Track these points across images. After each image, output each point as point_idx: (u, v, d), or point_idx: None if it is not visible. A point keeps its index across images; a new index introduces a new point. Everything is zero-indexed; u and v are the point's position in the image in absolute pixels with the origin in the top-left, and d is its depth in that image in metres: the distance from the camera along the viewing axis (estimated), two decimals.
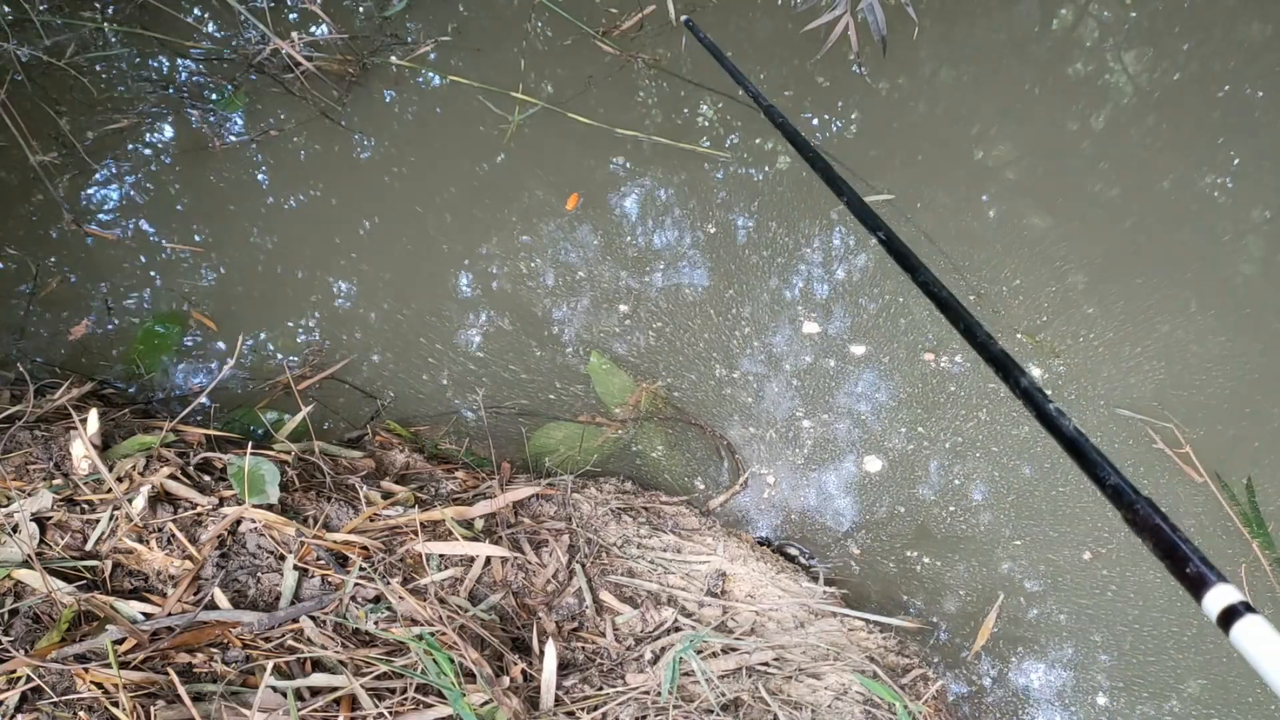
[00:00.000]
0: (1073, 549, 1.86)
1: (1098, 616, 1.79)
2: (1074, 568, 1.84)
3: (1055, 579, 1.83)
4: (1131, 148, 2.37)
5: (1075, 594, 1.82)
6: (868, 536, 1.91)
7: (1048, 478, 1.94)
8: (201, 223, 2.28)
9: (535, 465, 1.97)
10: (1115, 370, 2.05)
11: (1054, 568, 1.85)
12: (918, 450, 1.99)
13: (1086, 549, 1.85)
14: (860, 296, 2.18)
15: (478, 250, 2.26)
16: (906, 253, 0.86)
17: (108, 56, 2.54)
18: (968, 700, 1.75)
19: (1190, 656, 1.75)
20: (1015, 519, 1.90)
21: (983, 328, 0.75)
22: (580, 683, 1.45)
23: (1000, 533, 1.89)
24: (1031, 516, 1.90)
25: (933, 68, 2.55)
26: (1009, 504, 1.92)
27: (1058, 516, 1.89)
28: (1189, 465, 1.91)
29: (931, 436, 2.00)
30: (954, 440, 1.99)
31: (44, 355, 2.06)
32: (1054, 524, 1.89)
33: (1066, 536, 1.87)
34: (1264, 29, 2.57)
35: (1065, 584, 1.83)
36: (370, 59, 2.54)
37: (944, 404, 2.03)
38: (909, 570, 1.88)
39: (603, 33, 2.56)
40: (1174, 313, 2.12)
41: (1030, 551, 1.86)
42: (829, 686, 1.50)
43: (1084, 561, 1.84)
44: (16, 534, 1.42)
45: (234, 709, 1.24)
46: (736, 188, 2.34)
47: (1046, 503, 1.91)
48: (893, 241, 0.88)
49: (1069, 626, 1.80)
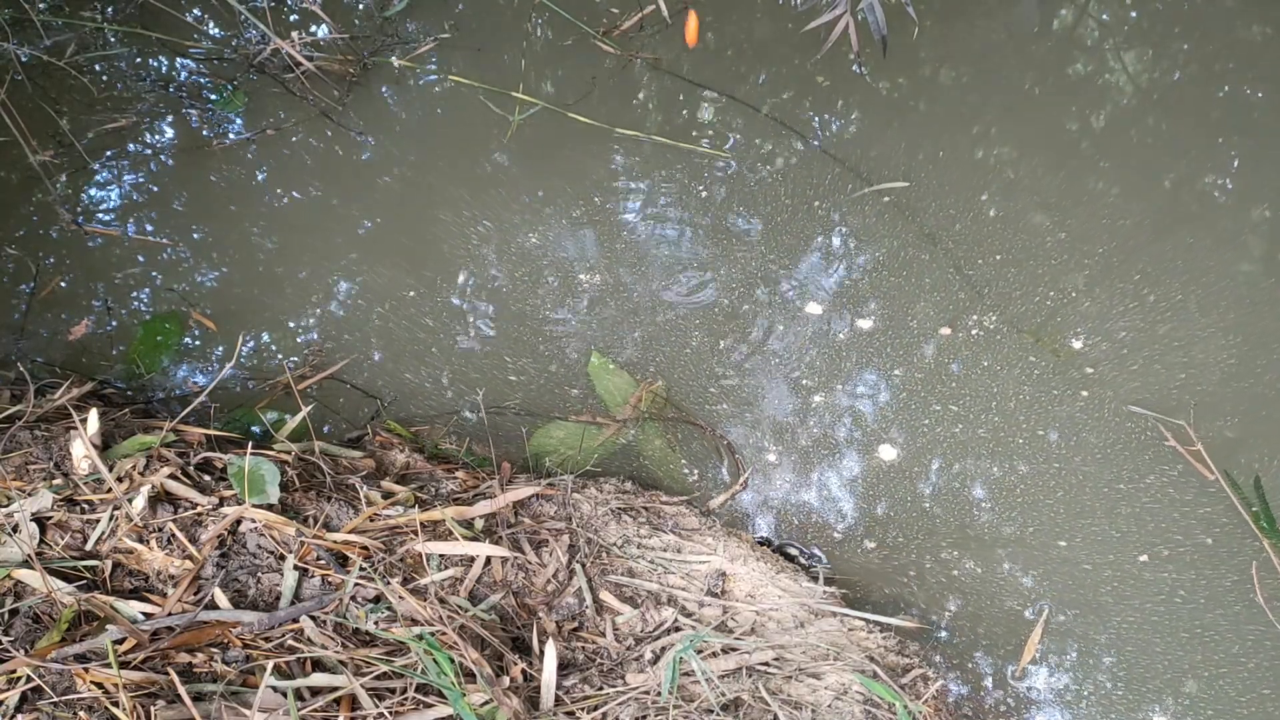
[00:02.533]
0: (1131, 551, 1.84)
1: (1160, 623, 1.79)
2: (1130, 571, 1.84)
3: (1113, 585, 1.82)
4: (1131, 148, 2.37)
5: (1134, 600, 1.81)
6: (886, 535, 1.91)
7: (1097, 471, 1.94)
8: (201, 222, 2.28)
9: (535, 465, 1.98)
10: (1117, 370, 2.05)
11: (1106, 573, 1.84)
12: (943, 438, 1.99)
13: (1144, 552, 1.84)
14: (862, 291, 2.18)
15: (478, 250, 2.26)
16: None
17: (107, 56, 2.54)
18: (968, 700, 1.75)
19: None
20: (1066, 517, 1.89)
21: None
22: (580, 683, 1.45)
23: (1043, 532, 1.89)
24: (1083, 514, 1.89)
25: (933, 68, 2.55)
26: (1058, 499, 1.91)
27: (1113, 516, 1.88)
28: (1200, 463, 1.91)
29: (966, 418, 2.00)
30: (991, 421, 1.99)
31: (44, 355, 2.06)
32: (1111, 523, 1.88)
33: (1129, 537, 1.86)
34: (1264, 30, 2.57)
35: (1115, 591, 1.82)
36: (371, 59, 2.54)
37: (976, 378, 2.02)
38: (924, 572, 1.88)
39: (603, 33, 2.56)
40: (1174, 312, 2.12)
41: (1078, 552, 1.85)
42: (829, 686, 1.50)
43: (1141, 563, 1.84)
44: (16, 534, 1.42)
45: (234, 709, 1.24)
46: (737, 187, 2.34)
47: (1099, 500, 1.90)
48: None
49: (1125, 635, 1.79)
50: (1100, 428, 1.99)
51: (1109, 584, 1.83)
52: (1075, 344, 2.09)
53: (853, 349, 2.11)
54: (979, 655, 1.79)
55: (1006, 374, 2.06)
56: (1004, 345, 2.09)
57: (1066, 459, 1.96)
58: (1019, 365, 2.07)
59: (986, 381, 2.05)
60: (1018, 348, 2.08)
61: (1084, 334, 2.10)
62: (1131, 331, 2.10)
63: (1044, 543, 1.88)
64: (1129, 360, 2.07)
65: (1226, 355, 2.06)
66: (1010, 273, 2.18)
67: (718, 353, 2.12)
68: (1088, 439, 1.98)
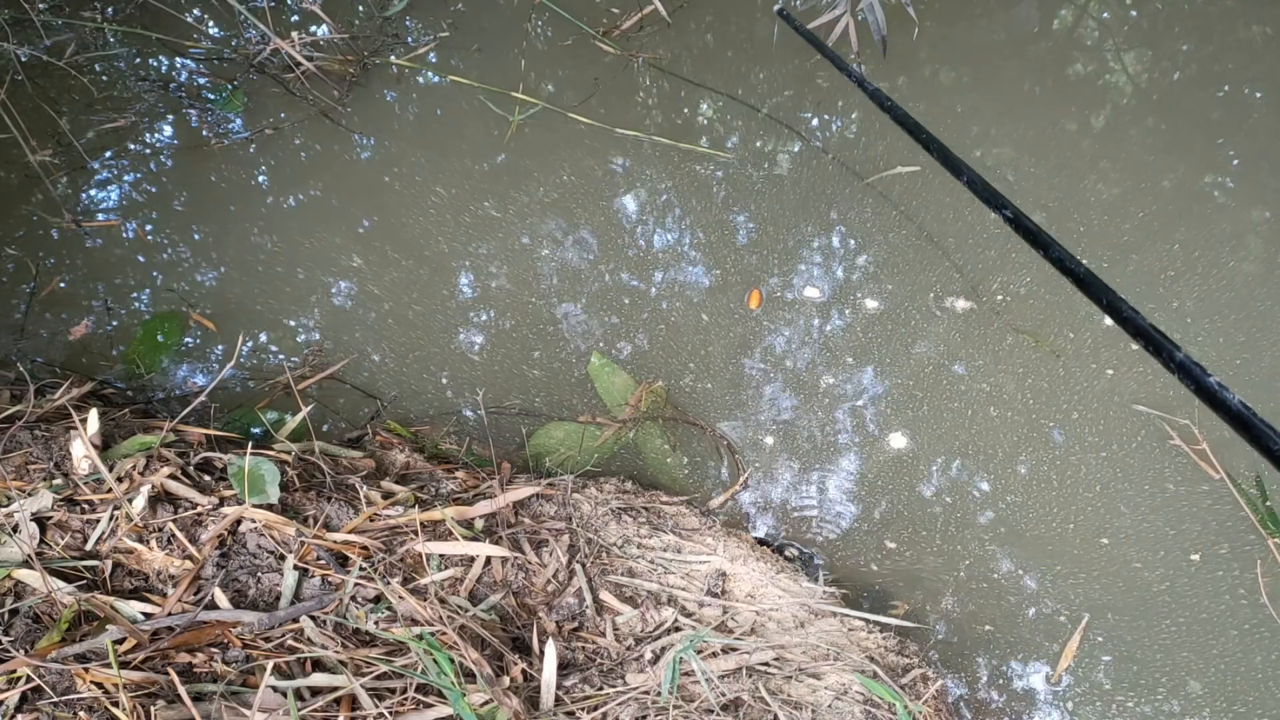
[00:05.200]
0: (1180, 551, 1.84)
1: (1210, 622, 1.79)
2: (1183, 570, 1.84)
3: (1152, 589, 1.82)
4: (1131, 148, 2.37)
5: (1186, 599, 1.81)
6: (884, 535, 1.91)
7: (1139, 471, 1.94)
8: (201, 222, 2.28)
9: (535, 465, 1.97)
10: (1119, 369, 2.05)
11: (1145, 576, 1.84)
12: (943, 438, 1.99)
13: (1195, 551, 1.84)
14: (862, 291, 2.18)
15: (478, 250, 2.25)
16: (1036, 230, 0.86)
17: (107, 56, 2.54)
18: (968, 700, 1.76)
19: None
20: (1065, 517, 1.89)
21: (1126, 302, 0.72)
22: (580, 683, 1.45)
23: (1084, 532, 1.89)
24: (1081, 514, 1.89)
25: (933, 68, 2.55)
26: (1056, 500, 1.92)
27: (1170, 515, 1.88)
28: (1205, 461, 1.91)
29: (967, 418, 2.00)
30: (1019, 405, 1.99)
31: (44, 355, 2.06)
32: (1168, 522, 1.87)
33: (1182, 535, 1.86)
34: (1264, 30, 2.57)
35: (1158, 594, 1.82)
36: (371, 59, 2.54)
37: (976, 377, 2.03)
38: (924, 571, 1.88)
39: (603, 33, 2.56)
40: (1175, 311, 2.12)
41: (1120, 549, 1.85)
42: (829, 686, 1.50)
43: (1192, 562, 1.84)
44: (16, 534, 1.42)
45: (234, 709, 1.24)
46: (737, 187, 2.34)
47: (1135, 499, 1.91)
48: (1020, 219, 0.88)
49: (1121, 634, 1.80)
50: (1116, 425, 1.99)
51: (1110, 585, 1.83)
52: (1066, 340, 2.09)
53: (853, 349, 2.11)
54: (979, 655, 1.79)
55: (1006, 373, 2.06)
56: (1004, 345, 2.09)
57: (1063, 458, 1.96)
58: (1017, 365, 2.07)
59: (986, 381, 2.05)
60: (1017, 346, 2.08)
61: (1084, 333, 2.10)
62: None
63: (1045, 542, 1.88)
64: (1130, 358, 2.07)
65: (1227, 354, 2.06)
66: (1010, 272, 2.18)
67: (718, 352, 2.12)
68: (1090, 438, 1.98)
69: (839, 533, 1.92)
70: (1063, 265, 0.81)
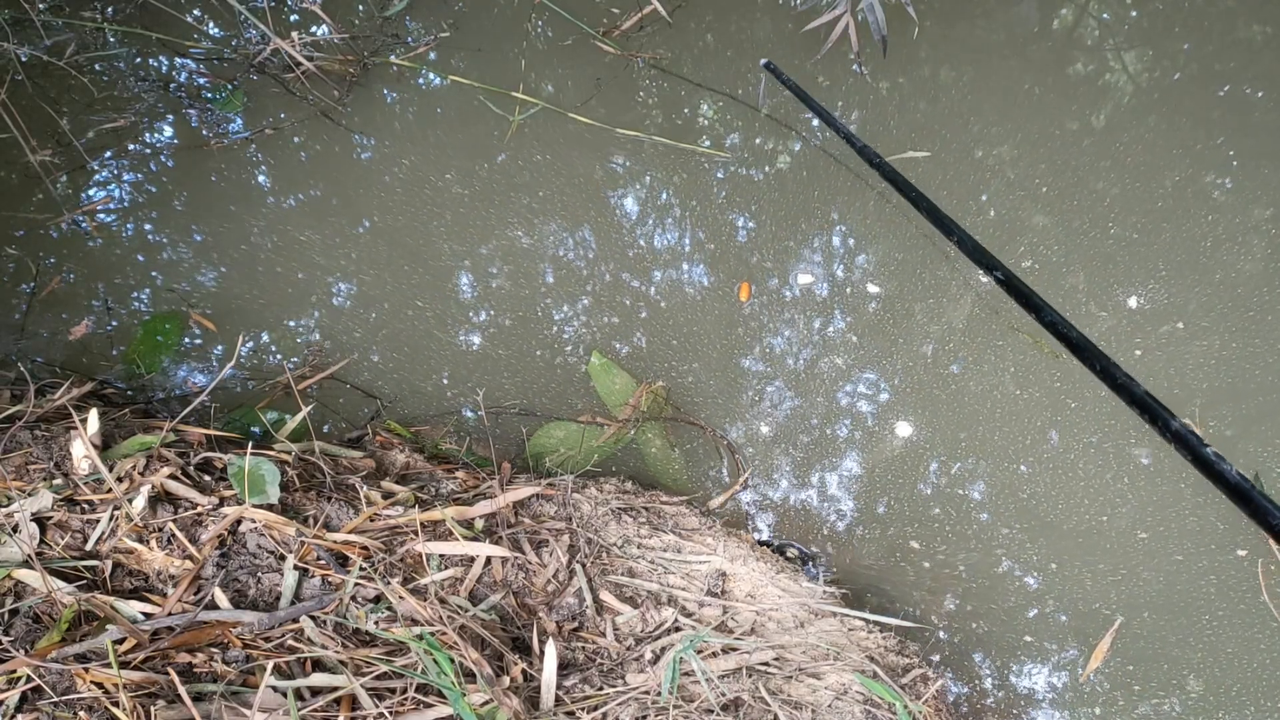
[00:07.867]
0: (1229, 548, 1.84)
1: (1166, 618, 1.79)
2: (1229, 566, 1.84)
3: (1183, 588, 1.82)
4: (1132, 147, 2.37)
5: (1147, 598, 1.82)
6: (885, 535, 1.91)
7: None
8: (201, 222, 2.28)
9: (535, 465, 1.97)
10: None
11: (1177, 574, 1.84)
12: (942, 438, 1.99)
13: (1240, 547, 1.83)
14: (861, 291, 2.18)
15: (478, 250, 2.25)
16: (1029, 292, 0.85)
17: (107, 56, 2.54)
18: (968, 700, 1.75)
19: None
20: (1064, 515, 1.90)
21: (1121, 369, 0.72)
22: (580, 683, 1.45)
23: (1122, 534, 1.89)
24: (1082, 510, 1.90)
25: (933, 67, 2.54)
26: (1057, 497, 1.92)
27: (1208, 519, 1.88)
28: None
29: (966, 417, 1.99)
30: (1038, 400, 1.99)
31: (44, 355, 2.06)
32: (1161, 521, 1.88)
33: (1233, 527, 1.85)
34: (1264, 30, 2.57)
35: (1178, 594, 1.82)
36: (371, 59, 2.54)
37: (975, 377, 2.03)
38: (924, 571, 1.88)
39: (603, 33, 2.56)
40: (1175, 311, 2.12)
41: (1157, 544, 1.85)
42: (829, 686, 1.50)
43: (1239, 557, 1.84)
44: (16, 534, 1.42)
45: (234, 709, 1.24)
46: (737, 186, 2.34)
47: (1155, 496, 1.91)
48: (1012, 280, 0.87)
49: (1127, 636, 1.80)
50: (1116, 423, 1.99)
51: (1110, 586, 1.83)
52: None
53: (853, 348, 2.11)
54: (979, 655, 1.79)
55: (1006, 371, 2.06)
56: (1003, 343, 2.09)
57: (1063, 457, 1.96)
58: (1015, 363, 2.07)
59: (984, 380, 2.05)
60: (1017, 346, 2.08)
61: (1087, 333, 2.10)
62: (1132, 329, 2.10)
63: (1043, 542, 1.88)
64: (1130, 358, 2.07)
65: (1228, 354, 2.06)
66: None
67: (718, 352, 2.12)
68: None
69: (839, 532, 1.92)
70: (1056, 329, 0.81)
